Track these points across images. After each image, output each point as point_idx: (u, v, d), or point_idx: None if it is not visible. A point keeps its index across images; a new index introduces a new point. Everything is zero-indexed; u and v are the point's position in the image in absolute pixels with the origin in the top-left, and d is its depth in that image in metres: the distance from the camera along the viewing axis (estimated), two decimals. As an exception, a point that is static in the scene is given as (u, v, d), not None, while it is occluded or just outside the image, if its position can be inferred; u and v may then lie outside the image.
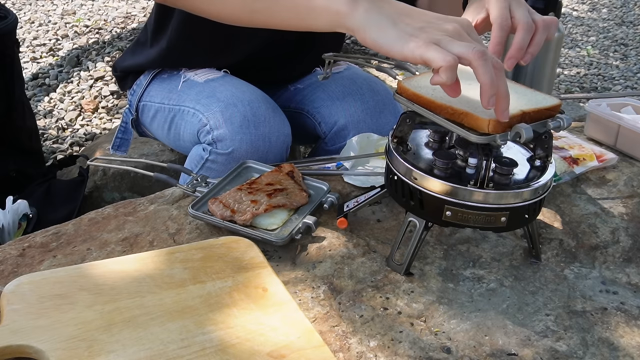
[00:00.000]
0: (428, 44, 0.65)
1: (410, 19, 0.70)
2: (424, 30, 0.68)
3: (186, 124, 1.16)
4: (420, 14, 0.72)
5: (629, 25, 4.04)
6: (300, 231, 0.80)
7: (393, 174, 0.74)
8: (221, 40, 1.17)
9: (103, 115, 2.59)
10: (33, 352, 0.58)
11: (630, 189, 0.96)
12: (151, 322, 0.62)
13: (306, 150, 1.85)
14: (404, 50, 0.67)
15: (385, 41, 0.69)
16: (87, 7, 3.81)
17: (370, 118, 1.21)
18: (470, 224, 0.71)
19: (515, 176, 0.73)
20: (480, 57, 0.64)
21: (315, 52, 1.21)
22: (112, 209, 0.88)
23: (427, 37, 0.66)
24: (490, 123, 0.66)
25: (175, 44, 1.17)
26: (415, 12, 0.72)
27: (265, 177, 0.90)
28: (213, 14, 0.91)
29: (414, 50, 0.66)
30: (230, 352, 0.60)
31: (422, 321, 0.69)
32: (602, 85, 3.15)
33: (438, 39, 0.66)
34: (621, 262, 0.82)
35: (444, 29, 0.68)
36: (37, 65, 2.99)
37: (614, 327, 0.70)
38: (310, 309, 0.70)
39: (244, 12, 0.86)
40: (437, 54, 0.64)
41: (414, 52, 0.66)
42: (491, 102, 0.64)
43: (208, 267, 0.72)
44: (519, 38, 0.77)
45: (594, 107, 1.09)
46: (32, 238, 0.81)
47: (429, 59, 0.65)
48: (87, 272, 0.70)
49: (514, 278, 0.77)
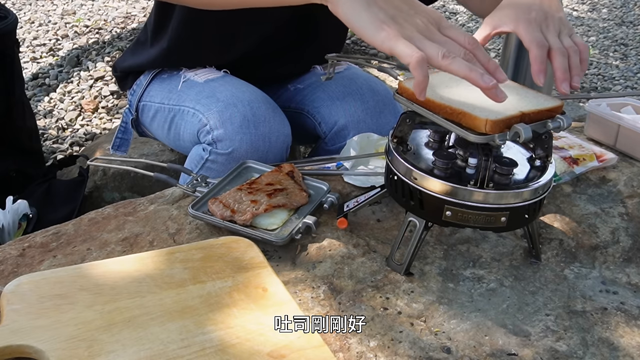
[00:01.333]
0: (398, 38, 0.66)
1: (383, 1, 0.70)
2: (396, 21, 0.68)
3: (186, 124, 1.16)
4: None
5: (629, 25, 4.03)
6: (300, 231, 0.80)
7: (393, 174, 0.74)
8: (221, 38, 1.17)
9: (103, 115, 2.59)
10: (33, 352, 0.58)
11: (630, 189, 0.96)
12: (151, 322, 0.62)
13: (306, 150, 1.85)
14: (374, 38, 0.68)
15: (357, 23, 0.69)
16: (87, 7, 3.81)
17: (370, 118, 1.21)
18: (470, 224, 0.71)
19: (515, 176, 0.73)
20: (446, 58, 0.65)
21: (315, 48, 1.21)
22: (112, 209, 0.88)
23: (398, 29, 0.67)
24: (487, 123, 0.66)
25: (176, 42, 1.17)
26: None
27: (265, 177, 0.90)
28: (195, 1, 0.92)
29: (384, 41, 0.67)
30: (230, 352, 0.60)
31: (422, 321, 0.69)
32: (602, 85, 3.14)
33: (409, 35, 0.67)
34: (621, 262, 0.82)
35: (414, 23, 0.69)
36: (37, 65, 2.99)
37: (614, 327, 0.70)
38: (310, 309, 0.70)
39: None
40: (405, 49, 0.65)
41: (384, 43, 0.67)
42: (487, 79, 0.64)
43: (208, 267, 0.72)
44: (558, 63, 0.78)
45: (594, 107, 1.09)
46: (32, 238, 0.81)
47: (397, 54, 0.66)
48: (87, 272, 0.70)
49: (514, 278, 0.77)
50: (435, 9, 0.74)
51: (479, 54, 0.68)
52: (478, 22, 4.01)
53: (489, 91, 0.64)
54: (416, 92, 0.66)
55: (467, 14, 4.16)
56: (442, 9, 4.26)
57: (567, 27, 0.85)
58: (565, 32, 0.83)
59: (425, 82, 0.65)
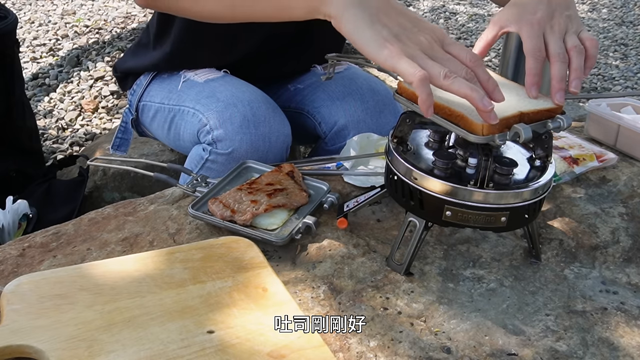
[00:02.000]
0: (400, 56, 0.66)
1: (388, 18, 0.70)
2: (399, 39, 0.68)
3: (186, 124, 1.16)
4: (398, 12, 0.72)
5: (629, 25, 4.03)
6: (300, 231, 0.80)
7: (393, 174, 0.74)
8: (223, 41, 1.17)
9: (103, 115, 2.59)
10: (33, 352, 0.58)
11: (630, 189, 0.96)
12: (151, 322, 0.62)
13: (306, 150, 1.85)
14: (377, 56, 0.68)
15: (360, 40, 0.70)
16: (87, 7, 3.81)
17: (370, 118, 1.21)
18: (470, 224, 0.71)
19: (515, 176, 0.73)
20: (447, 78, 0.65)
21: (314, 47, 1.21)
22: (112, 209, 0.88)
23: (401, 47, 0.67)
24: (484, 127, 0.66)
25: (178, 47, 1.18)
26: (392, 7, 0.72)
27: (265, 177, 0.90)
28: (195, 13, 0.93)
29: (386, 59, 0.67)
30: (230, 352, 0.60)
31: (422, 321, 0.69)
32: (602, 85, 3.15)
33: (412, 53, 0.67)
34: (621, 262, 0.82)
35: (417, 41, 0.69)
36: (37, 65, 2.99)
37: (614, 327, 0.70)
38: (310, 309, 0.70)
39: (224, 8, 0.88)
40: (408, 68, 0.65)
41: (387, 61, 0.67)
42: (486, 103, 0.64)
43: (208, 267, 0.72)
44: (555, 71, 0.78)
45: (594, 107, 1.09)
46: (32, 238, 0.81)
47: (400, 72, 0.66)
48: (87, 272, 0.70)
49: (514, 278, 0.77)
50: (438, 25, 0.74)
51: (479, 72, 0.68)
52: (478, 23, 4.01)
53: (484, 114, 0.65)
54: (422, 110, 0.66)
55: (467, 14, 4.16)
56: (442, 9, 4.26)
57: (576, 24, 0.83)
58: (573, 30, 0.82)
59: (429, 100, 0.65)
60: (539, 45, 0.80)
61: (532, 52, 0.79)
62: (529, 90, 0.76)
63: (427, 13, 4.17)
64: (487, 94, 0.67)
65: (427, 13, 4.17)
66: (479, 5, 4.38)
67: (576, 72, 0.78)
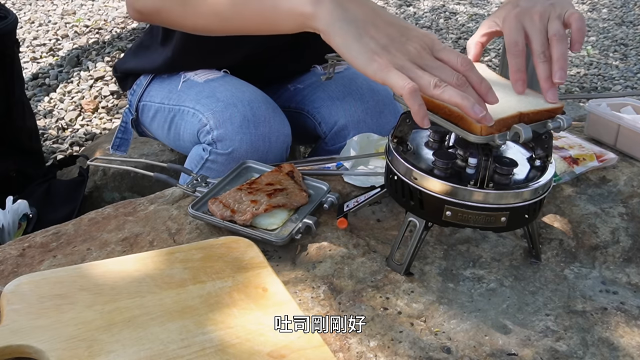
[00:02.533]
0: (390, 68, 0.66)
1: (375, 30, 0.70)
2: (387, 50, 0.68)
3: (186, 124, 1.16)
4: (386, 23, 0.71)
5: (629, 25, 4.03)
6: (300, 231, 0.80)
7: (393, 174, 0.74)
8: (224, 45, 1.17)
9: (103, 115, 2.59)
10: (33, 352, 0.58)
11: (630, 189, 0.96)
12: (151, 322, 0.62)
13: (306, 150, 1.85)
14: (367, 70, 0.68)
15: (349, 54, 0.69)
16: (87, 7, 3.81)
17: (370, 118, 1.21)
18: (470, 224, 0.71)
19: (515, 176, 0.73)
20: (437, 87, 0.65)
21: (314, 47, 1.21)
22: (112, 209, 0.88)
23: (389, 59, 0.67)
24: (483, 127, 0.66)
25: (180, 52, 1.18)
26: (380, 18, 0.72)
27: (265, 177, 0.90)
28: (189, 27, 0.95)
29: (376, 72, 0.67)
30: (230, 352, 0.60)
31: (422, 321, 0.69)
32: (602, 85, 3.14)
33: (401, 64, 0.67)
34: (621, 262, 0.82)
35: (406, 51, 0.68)
36: (37, 65, 2.99)
37: (614, 327, 0.70)
38: (310, 309, 0.70)
39: (217, 22, 0.89)
40: (398, 81, 0.65)
41: (376, 74, 0.67)
42: (477, 110, 0.64)
43: (208, 267, 0.72)
44: (540, 71, 0.77)
45: (594, 107, 1.09)
46: (32, 238, 0.81)
47: (390, 85, 0.66)
48: (87, 272, 0.70)
49: (514, 278, 0.77)
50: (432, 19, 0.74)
51: (471, 76, 0.68)
52: (478, 22, 4.01)
53: (477, 120, 0.65)
54: (417, 121, 0.66)
55: (467, 14, 4.16)
56: (442, 8, 4.26)
57: (559, 7, 0.81)
58: (556, 15, 0.80)
59: (421, 110, 0.65)
60: (515, 40, 0.79)
61: (509, 48, 0.79)
62: (515, 86, 0.76)
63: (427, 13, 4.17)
64: (481, 97, 0.67)
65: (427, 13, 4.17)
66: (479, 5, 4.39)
67: (559, 62, 0.77)
